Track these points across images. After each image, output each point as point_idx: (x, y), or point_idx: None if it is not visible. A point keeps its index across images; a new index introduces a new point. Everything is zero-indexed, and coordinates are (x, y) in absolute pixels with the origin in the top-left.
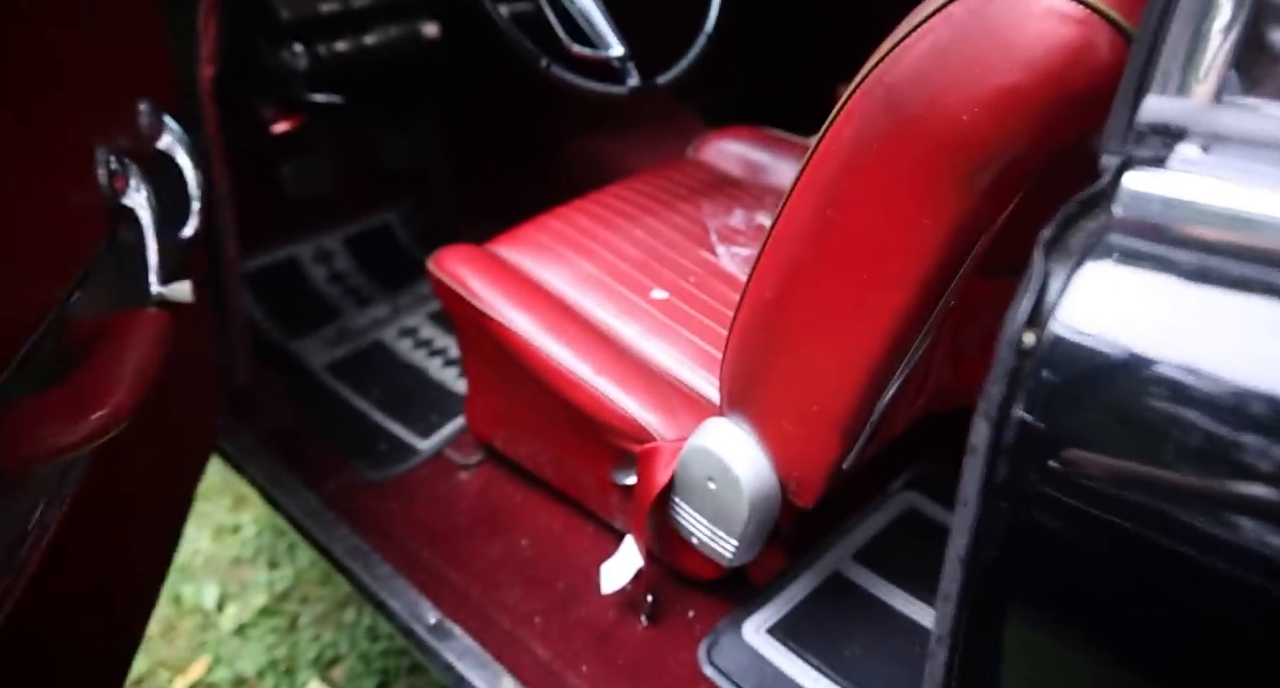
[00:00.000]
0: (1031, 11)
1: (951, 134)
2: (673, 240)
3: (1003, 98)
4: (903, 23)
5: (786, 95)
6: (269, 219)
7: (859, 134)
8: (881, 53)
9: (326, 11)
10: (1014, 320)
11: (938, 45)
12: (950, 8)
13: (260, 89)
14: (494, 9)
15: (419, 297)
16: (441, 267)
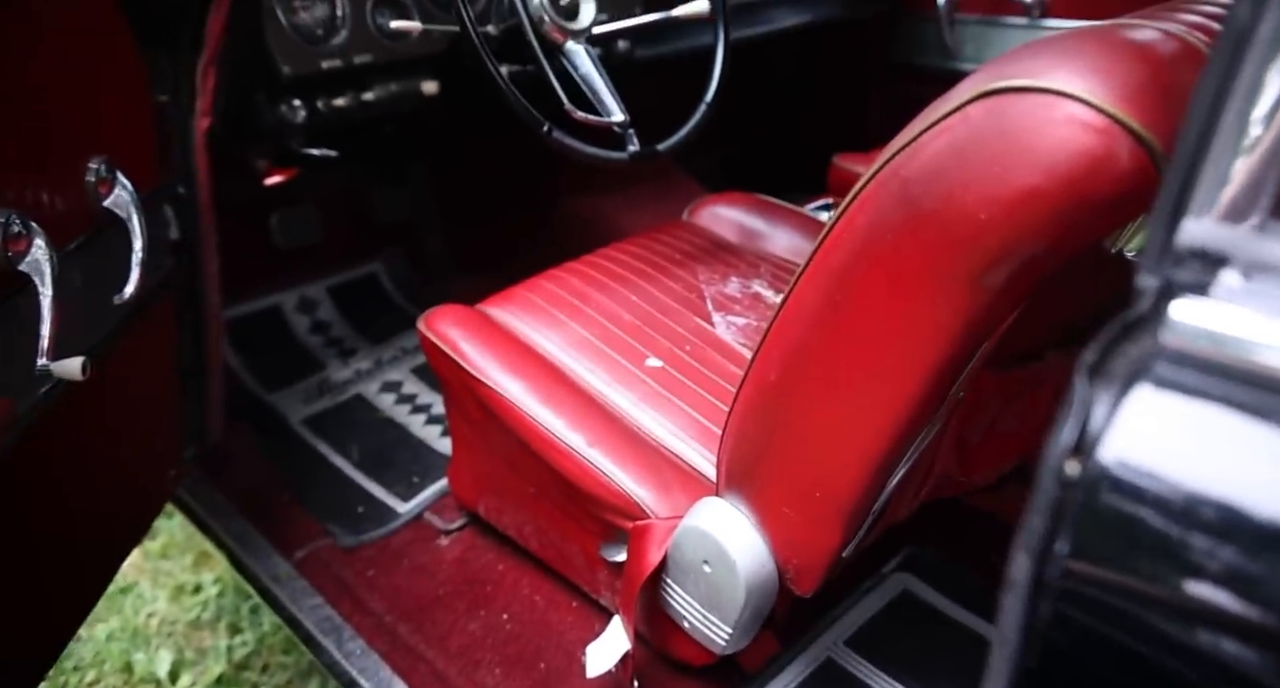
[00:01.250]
0: (1053, 117)
1: (967, 231)
2: (668, 307)
3: (1022, 199)
4: (918, 118)
5: (778, 159)
6: (253, 266)
7: (873, 223)
8: (897, 146)
9: (328, 68)
10: (1056, 448)
11: (955, 143)
12: (969, 108)
13: (255, 141)
14: (498, 73)
15: (403, 350)
16: (431, 327)
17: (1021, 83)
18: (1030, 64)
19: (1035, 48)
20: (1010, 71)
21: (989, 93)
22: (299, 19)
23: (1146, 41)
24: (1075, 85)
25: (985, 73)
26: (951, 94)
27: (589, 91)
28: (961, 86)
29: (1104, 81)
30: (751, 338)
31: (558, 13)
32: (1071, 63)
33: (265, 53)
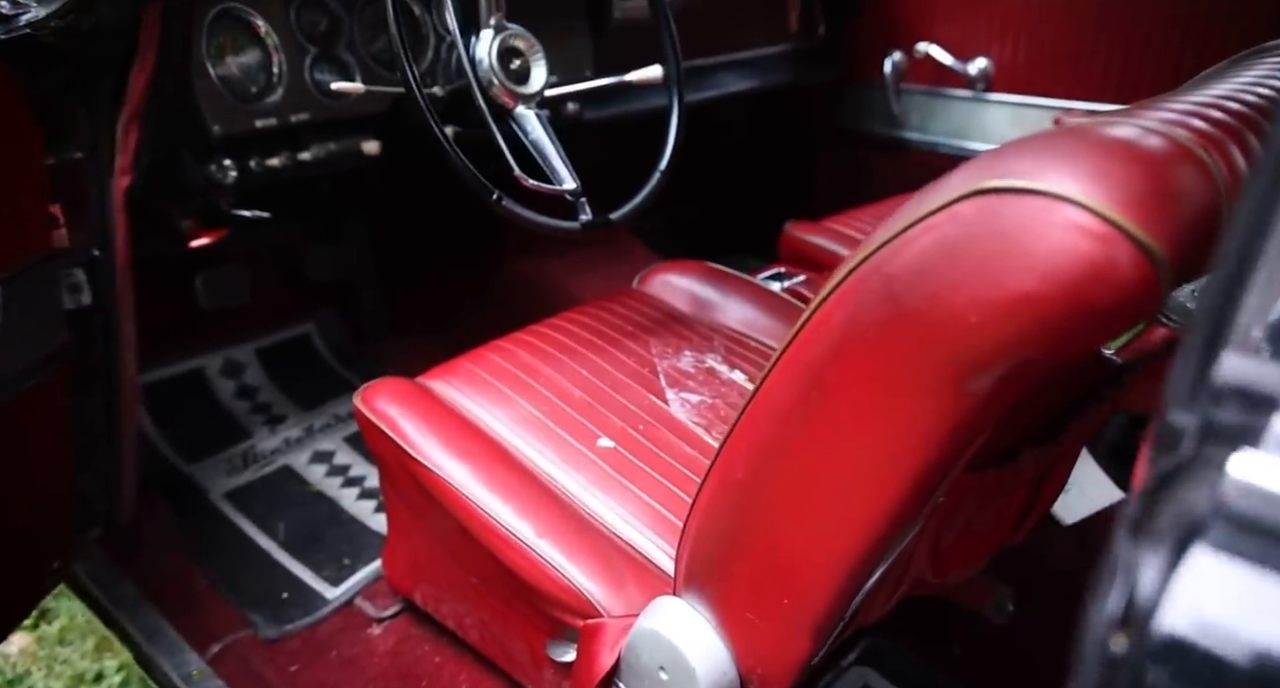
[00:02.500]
0: (1050, 221)
1: (955, 333)
2: (620, 382)
3: (1015, 304)
4: (900, 212)
5: (727, 221)
6: (175, 327)
7: (852, 320)
8: (879, 241)
9: (262, 127)
10: (1099, 621)
11: (944, 242)
12: (958, 206)
13: (180, 201)
14: (447, 140)
15: (336, 417)
16: (368, 403)
17: (1016, 183)
18: (1023, 164)
19: (1025, 146)
20: (1002, 170)
21: (981, 191)
22: (232, 75)
23: (1138, 142)
24: (1073, 188)
25: (974, 170)
26: (936, 189)
27: (539, 158)
28: (948, 183)
29: (1103, 185)
30: (706, 416)
31: (508, 76)
32: (1067, 164)
33: (194, 110)
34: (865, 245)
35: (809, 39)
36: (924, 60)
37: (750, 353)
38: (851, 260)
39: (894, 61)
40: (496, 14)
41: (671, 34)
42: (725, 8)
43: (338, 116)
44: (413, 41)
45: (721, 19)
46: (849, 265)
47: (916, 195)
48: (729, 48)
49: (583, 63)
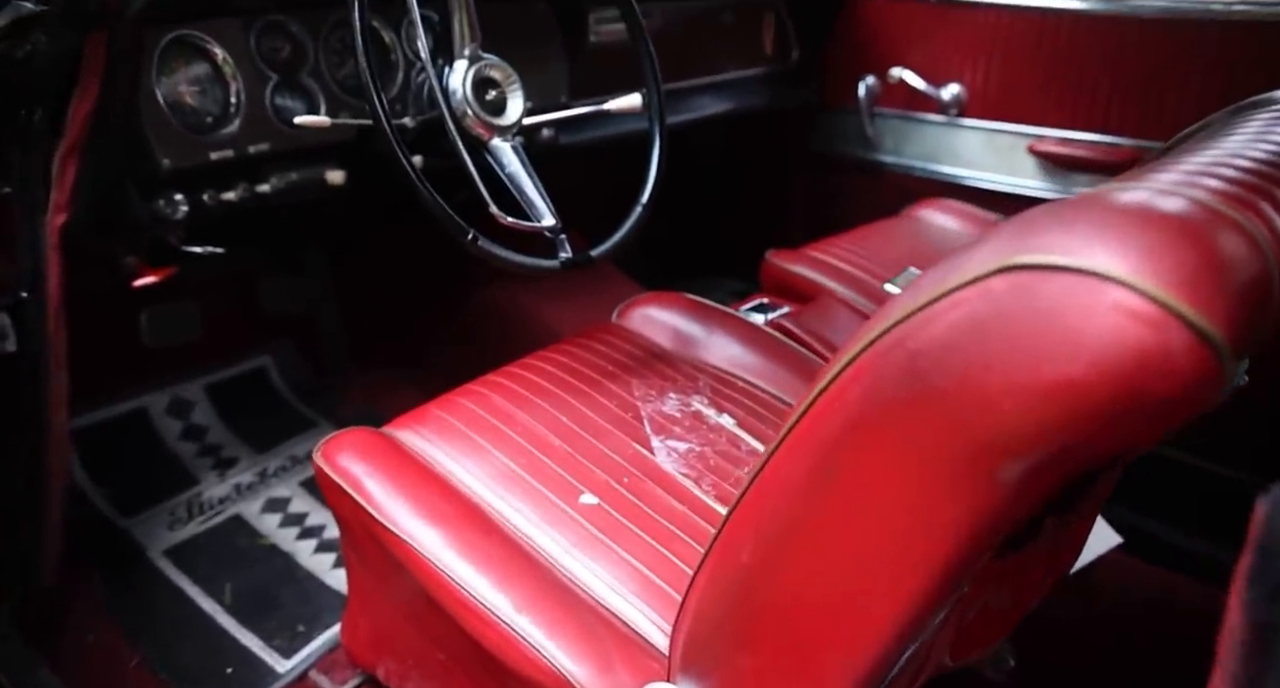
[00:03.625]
0: (1094, 303)
1: (987, 418)
2: (601, 429)
3: (1057, 391)
4: (922, 282)
5: (702, 244)
6: (114, 365)
7: (871, 397)
8: (900, 314)
9: (217, 159)
10: None
11: (975, 319)
12: (990, 281)
13: (124, 237)
14: (419, 178)
15: (292, 459)
16: (330, 459)
17: (1053, 260)
18: (1057, 237)
19: (1057, 217)
20: (1035, 244)
21: (1014, 267)
22: (185, 105)
23: (1176, 211)
24: (1117, 266)
25: (1003, 241)
26: (962, 261)
27: (516, 193)
28: (976, 254)
29: (1149, 263)
30: (694, 466)
31: (483, 107)
32: (1106, 238)
33: (141, 142)
34: (884, 317)
35: (783, 63)
36: (898, 85)
37: (737, 394)
38: (869, 332)
39: (868, 85)
40: (471, 44)
41: (653, 64)
42: (699, 31)
43: (300, 146)
44: (381, 68)
45: (696, 42)
46: (867, 338)
47: (941, 266)
48: (704, 71)
49: (558, 88)
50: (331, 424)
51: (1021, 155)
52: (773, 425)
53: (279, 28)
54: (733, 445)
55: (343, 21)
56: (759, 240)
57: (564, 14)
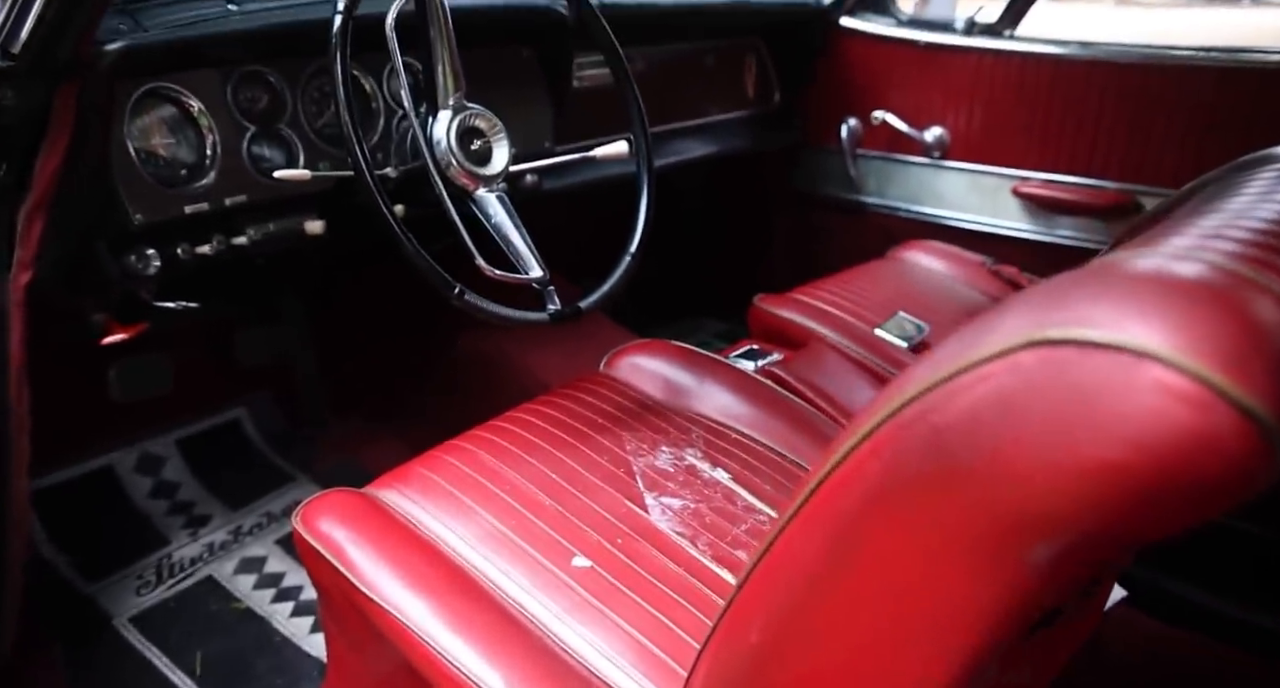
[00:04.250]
0: (1133, 382)
1: (1019, 498)
2: (593, 486)
3: (1094, 472)
4: (942, 352)
5: (685, 284)
6: (80, 422)
7: (892, 473)
8: (922, 386)
9: (192, 212)
10: None
11: (1003, 395)
12: (1018, 355)
13: (92, 294)
14: (403, 231)
15: (268, 516)
16: (310, 525)
17: (1086, 335)
18: (1088, 309)
19: (1085, 287)
20: (1065, 317)
21: (1044, 342)
22: (159, 157)
23: (1208, 280)
24: (1157, 343)
25: (1030, 312)
26: (986, 331)
27: (502, 244)
28: (1000, 325)
29: (1189, 339)
30: (689, 525)
31: (467, 158)
32: (1142, 311)
33: (112, 197)
34: (904, 387)
35: (766, 105)
36: (880, 127)
37: (731, 446)
38: (888, 403)
39: (850, 127)
40: (456, 94)
41: (641, 113)
42: (682, 75)
43: (278, 196)
44: (362, 117)
45: (678, 86)
46: (886, 409)
47: (962, 335)
48: (687, 114)
49: (542, 134)
50: (309, 478)
51: (1006, 197)
52: (768, 479)
53: (257, 77)
54: (728, 501)
55: (322, 70)
56: (742, 280)
57: (547, 60)
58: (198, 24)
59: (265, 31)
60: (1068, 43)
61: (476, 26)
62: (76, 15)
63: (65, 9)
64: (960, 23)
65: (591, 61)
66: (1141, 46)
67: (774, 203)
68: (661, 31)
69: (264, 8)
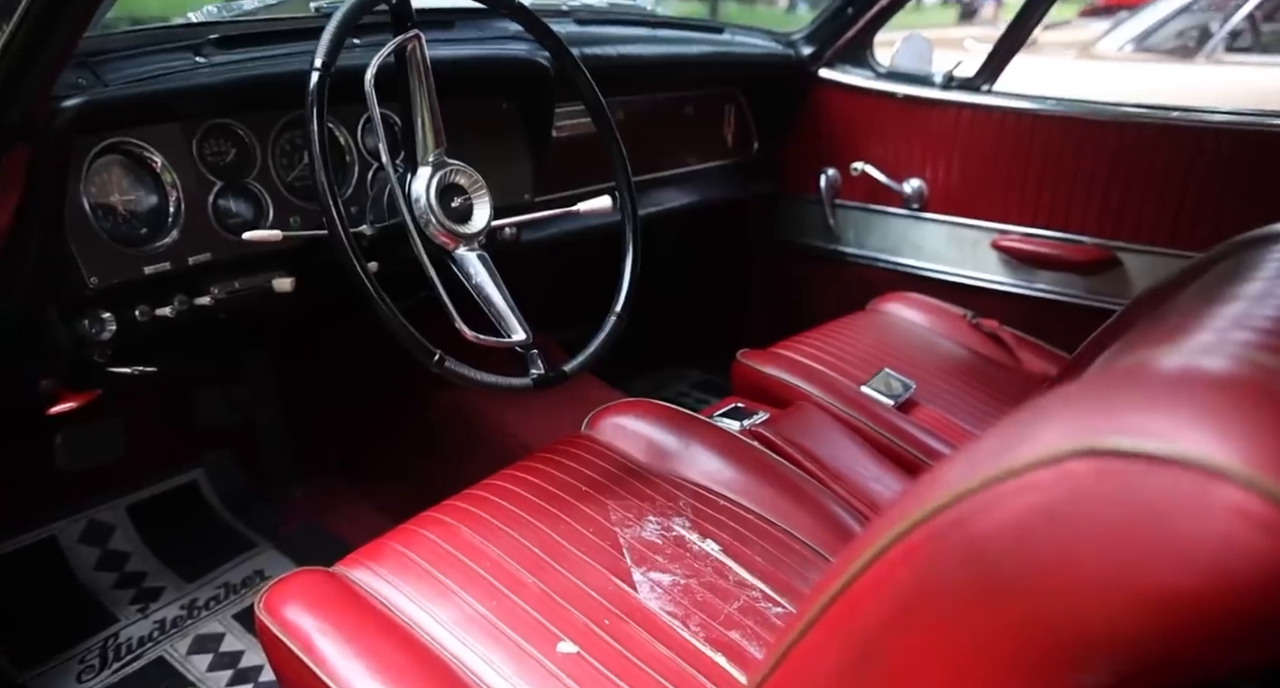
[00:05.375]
0: (1202, 502)
1: (1065, 618)
2: (579, 563)
3: (1158, 598)
4: (976, 453)
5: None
6: (23, 491)
7: (924, 581)
8: (956, 491)
9: (152, 273)
10: None
11: (1054, 508)
12: (1069, 465)
13: (40, 362)
14: (381, 296)
15: (226, 587)
16: (274, 611)
17: (1146, 448)
18: (1143, 417)
19: (1128, 386)
20: (1119, 424)
21: (1098, 452)
22: (118, 214)
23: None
24: (1226, 459)
25: (1078, 417)
26: (1026, 431)
27: (483, 305)
28: (1043, 428)
29: (1263, 454)
30: (680, 603)
31: (447, 215)
32: (1201, 421)
33: (66, 260)
34: (935, 491)
35: (744, 154)
36: (859, 177)
37: (720, 514)
38: (919, 507)
39: (828, 177)
40: (436, 150)
41: (626, 171)
42: (661, 125)
43: (245, 253)
44: (336, 171)
45: (658, 136)
46: (916, 514)
47: (999, 433)
48: (666, 164)
49: (523, 186)
50: (271, 544)
51: (985, 250)
52: (759, 551)
53: (224, 130)
54: (719, 576)
55: (293, 123)
56: (721, 330)
57: (528, 112)
58: (163, 78)
59: (235, 85)
60: (1046, 99)
61: (457, 80)
62: (25, 78)
63: (12, 72)
64: (939, 76)
65: (571, 111)
66: (1119, 105)
67: (752, 252)
68: (642, 82)
69: (233, 60)
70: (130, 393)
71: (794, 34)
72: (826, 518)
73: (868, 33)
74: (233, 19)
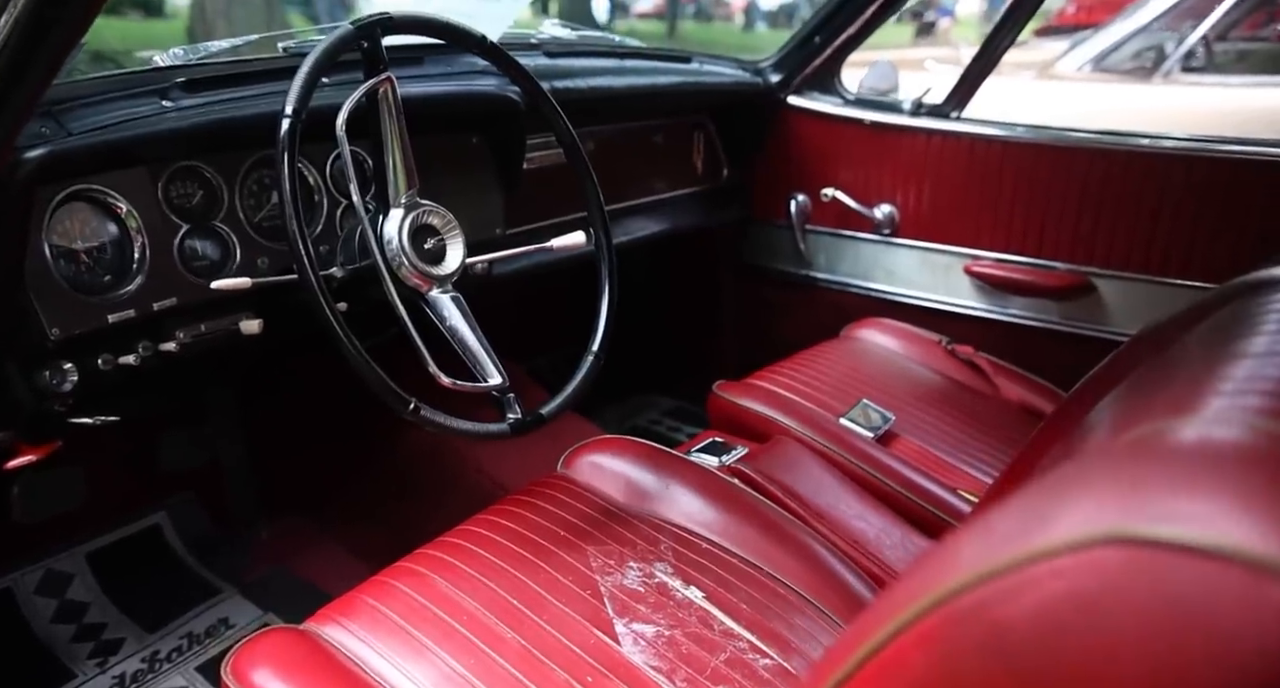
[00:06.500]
0: (1252, 603)
1: None
2: (559, 616)
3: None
4: (994, 529)
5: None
6: None
7: (942, 669)
8: (973, 574)
9: (116, 321)
10: None
11: (1083, 598)
12: (1097, 553)
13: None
14: (351, 342)
15: (190, 637)
16: (242, 677)
17: (1180, 537)
18: (1171, 500)
19: (1150, 460)
20: (1150, 510)
21: (1129, 539)
22: (80, 262)
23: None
24: (1264, 550)
25: (1100, 496)
26: (1045, 509)
27: (458, 348)
28: (1066, 509)
29: None
30: (664, 656)
31: (420, 257)
32: (1236, 507)
33: (25, 314)
34: (953, 571)
35: (714, 181)
36: (830, 203)
37: (702, 558)
38: (934, 588)
39: (798, 203)
40: (408, 191)
41: (600, 207)
42: (631, 153)
43: (211, 297)
44: (305, 212)
45: (628, 165)
46: (931, 596)
47: (1012, 507)
48: (637, 193)
49: (494, 220)
50: (236, 590)
51: (958, 275)
52: (744, 597)
53: (191, 173)
54: (704, 626)
55: (261, 162)
56: (693, 357)
57: (498, 146)
58: (128, 124)
59: (202, 128)
60: (1015, 126)
61: (427, 116)
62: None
63: None
64: (907, 103)
65: (540, 143)
66: (1086, 132)
67: (723, 278)
68: (612, 113)
69: (200, 103)
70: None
71: (762, 62)
72: (811, 560)
73: (835, 61)
74: (200, 62)
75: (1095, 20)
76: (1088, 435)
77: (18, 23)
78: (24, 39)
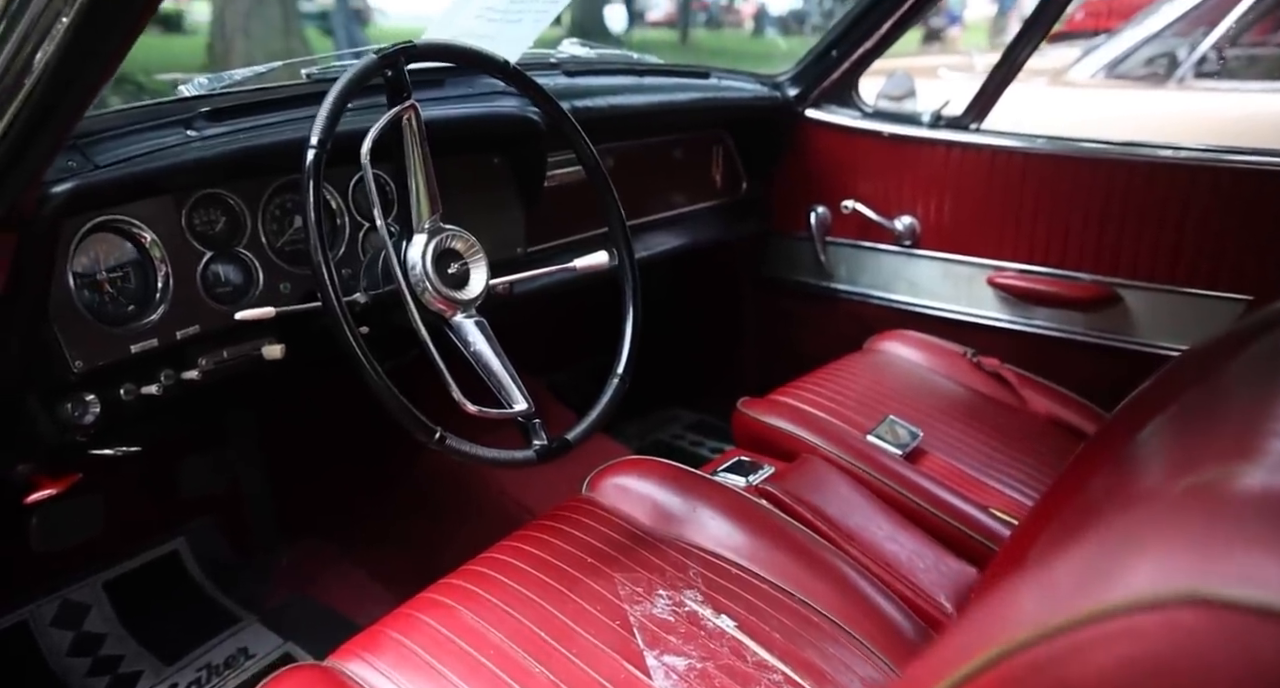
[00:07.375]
0: None
1: None
2: (588, 647)
3: None
4: (1055, 581)
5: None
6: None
7: None
8: (1040, 630)
9: (139, 351)
10: None
11: (1157, 658)
12: (1174, 613)
13: (17, 450)
14: (377, 372)
15: (208, 669)
16: None
17: (1265, 602)
18: (1253, 561)
19: (1228, 513)
20: (1230, 571)
21: (1209, 601)
22: (104, 294)
23: None
24: None
25: (1173, 552)
26: (1115, 562)
27: (483, 373)
28: (1135, 563)
29: None
30: (695, 687)
31: (444, 281)
32: None
33: (49, 346)
34: (1012, 627)
35: (734, 194)
36: (850, 215)
37: (733, 584)
38: (993, 645)
39: (818, 215)
40: (431, 216)
41: (624, 228)
42: (650, 169)
43: (233, 322)
44: (328, 234)
45: (647, 180)
46: (989, 652)
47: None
48: (656, 208)
49: (515, 240)
50: (256, 619)
51: (981, 286)
52: (777, 626)
53: (215, 200)
54: (737, 657)
55: (284, 187)
56: (714, 370)
57: (520, 166)
58: (154, 155)
59: (227, 157)
60: (1035, 137)
61: (449, 140)
62: (16, 171)
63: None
64: (926, 115)
65: (560, 160)
66: (1109, 143)
67: (744, 291)
68: (632, 130)
69: (225, 132)
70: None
71: (779, 76)
72: (843, 585)
73: (853, 74)
74: (223, 90)
75: (1105, 26)
76: (1140, 472)
77: (48, 66)
78: (54, 81)
